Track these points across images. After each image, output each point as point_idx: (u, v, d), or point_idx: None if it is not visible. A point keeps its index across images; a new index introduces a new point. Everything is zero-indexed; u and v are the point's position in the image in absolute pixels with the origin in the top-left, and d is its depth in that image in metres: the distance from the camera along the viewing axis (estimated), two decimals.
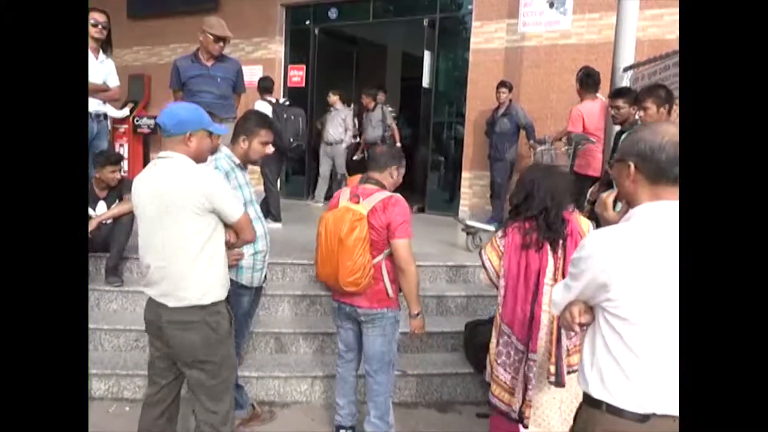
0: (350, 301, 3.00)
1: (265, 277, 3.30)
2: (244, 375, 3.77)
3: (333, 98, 7.88)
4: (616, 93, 4.49)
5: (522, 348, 2.71)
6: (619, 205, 1.83)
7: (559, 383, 2.66)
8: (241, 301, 3.12)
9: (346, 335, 3.18)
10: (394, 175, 3.06)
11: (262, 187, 6.22)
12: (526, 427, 2.72)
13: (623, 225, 1.62)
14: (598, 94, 5.51)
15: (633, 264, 1.50)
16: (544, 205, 2.68)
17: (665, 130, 1.57)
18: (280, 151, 6.30)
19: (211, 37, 4.46)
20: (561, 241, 2.69)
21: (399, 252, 2.88)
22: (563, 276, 2.60)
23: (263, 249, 3.15)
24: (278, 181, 6.59)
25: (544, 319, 2.68)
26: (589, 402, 1.63)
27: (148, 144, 9.20)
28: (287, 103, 6.89)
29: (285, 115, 6.21)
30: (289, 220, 6.35)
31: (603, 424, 1.56)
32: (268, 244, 3.21)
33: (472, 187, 7.49)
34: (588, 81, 5.54)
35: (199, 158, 2.48)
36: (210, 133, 2.53)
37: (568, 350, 2.67)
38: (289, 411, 3.76)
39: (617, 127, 4.51)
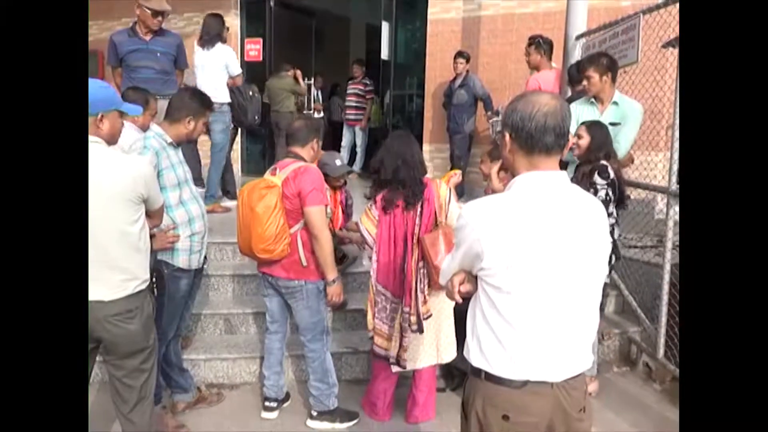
0: (270, 271, 3.11)
1: (205, 258, 3.23)
2: (191, 358, 3.74)
3: None
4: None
5: (396, 301, 3.00)
6: None
7: (420, 330, 2.97)
8: (179, 284, 3.04)
9: (271, 305, 3.29)
10: (315, 147, 3.17)
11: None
12: (403, 368, 3.06)
13: (500, 195, 1.63)
14: (552, 63, 5.45)
15: (505, 233, 1.51)
16: (395, 166, 2.92)
17: (537, 99, 1.56)
18: (237, 129, 6.19)
19: (149, 11, 4.28)
20: (420, 204, 2.92)
21: (310, 219, 2.97)
22: (418, 238, 2.90)
23: (200, 230, 3.08)
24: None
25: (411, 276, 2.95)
26: (471, 371, 1.65)
27: None
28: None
29: (250, 93, 6.05)
30: None
31: (483, 391, 1.60)
32: (206, 225, 3.14)
33: (433, 160, 7.43)
34: (548, 48, 5.46)
35: (112, 142, 2.36)
36: (121, 114, 2.39)
37: (421, 302, 2.96)
38: (238, 392, 3.72)
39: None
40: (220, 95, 5.27)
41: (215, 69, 5.34)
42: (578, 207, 1.58)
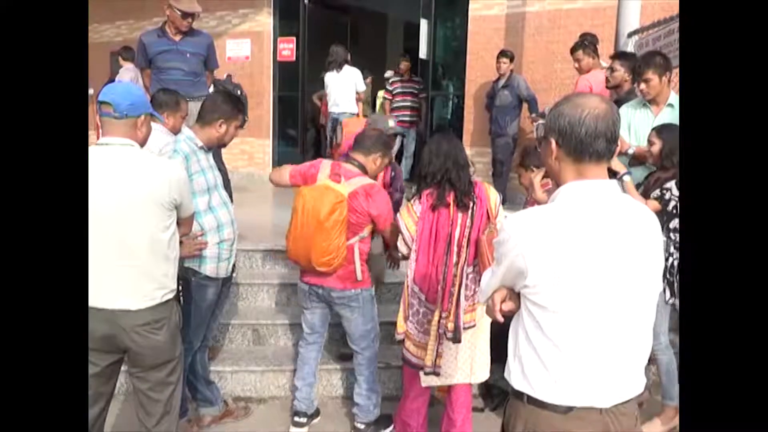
0: (322, 282, 3.13)
1: (234, 266, 3.26)
2: (218, 369, 3.78)
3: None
4: (616, 55, 4.53)
5: (432, 307, 2.94)
6: None
7: (457, 339, 2.91)
8: (205, 293, 3.08)
9: (312, 318, 3.33)
10: (377, 162, 3.21)
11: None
12: (438, 375, 2.99)
13: (544, 206, 1.58)
14: (602, 62, 5.38)
15: (550, 248, 1.47)
16: (445, 168, 2.89)
17: (585, 102, 1.52)
18: None
19: (178, 12, 4.38)
20: (471, 205, 2.90)
21: (384, 235, 3.22)
22: (469, 240, 2.90)
23: (229, 237, 3.11)
24: None
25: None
26: (512, 393, 1.62)
27: None
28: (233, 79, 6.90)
29: (239, 93, 6.15)
30: (275, 203, 6.32)
31: (525, 415, 1.57)
32: (236, 232, 3.17)
33: (473, 165, 7.37)
34: (594, 48, 5.39)
35: (143, 145, 2.42)
36: (152, 117, 2.46)
37: (464, 309, 2.92)
38: (266, 406, 3.75)
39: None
40: (351, 107, 6.72)
41: (346, 87, 6.70)
42: (630, 219, 1.53)
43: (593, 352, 1.49)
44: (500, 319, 1.65)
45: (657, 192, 3.16)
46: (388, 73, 8.17)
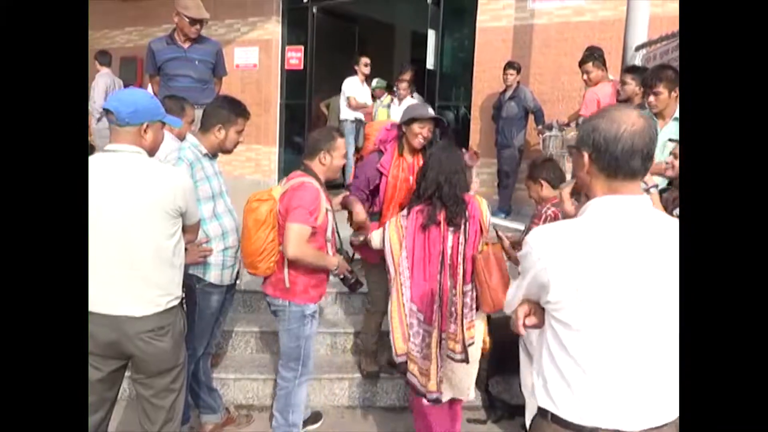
0: (264, 287, 3.11)
1: (238, 273, 3.27)
2: (220, 377, 3.78)
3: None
4: (627, 69, 4.53)
5: (429, 328, 2.83)
6: None
7: (467, 359, 2.80)
8: (210, 300, 3.09)
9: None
10: (325, 159, 3.02)
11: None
12: (440, 402, 2.85)
13: (572, 220, 1.55)
14: (609, 75, 5.39)
15: (576, 263, 1.43)
16: (437, 183, 2.81)
17: (623, 118, 1.47)
18: None
19: (187, 19, 4.40)
20: (462, 222, 2.80)
21: (285, 235, 2.85)
22: (464, 257, 2.80)
23: (234, 245, 3.12)
24: None
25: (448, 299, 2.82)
26: (538, 411, 1.59)
27: None
28: None
29: None
30: None
31: None
32: (240, 239, 3.17)
33: (479, 175, 7.34)
34: (604, 61, 5.39)
35: (153, 152, 2.42)
36: (163, 125, 2.46)
37: (466, 327, 2.83)
38: (268, 414, 3.72)
39: None
40: (343, 113, 7.42)
41: (343, 96, 7.45)
42: (662, 236, 1.47)
43: (618, 373, 1.44)
44: (523, 332, 1.61)
45: (677, 211, 3.12)
46: (375, 81, 7.97)
